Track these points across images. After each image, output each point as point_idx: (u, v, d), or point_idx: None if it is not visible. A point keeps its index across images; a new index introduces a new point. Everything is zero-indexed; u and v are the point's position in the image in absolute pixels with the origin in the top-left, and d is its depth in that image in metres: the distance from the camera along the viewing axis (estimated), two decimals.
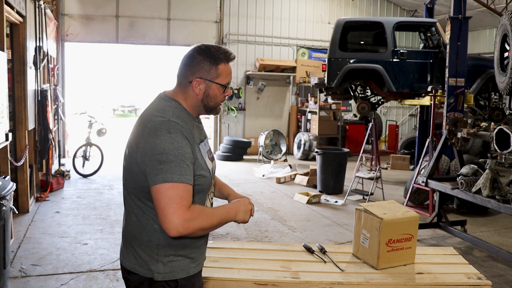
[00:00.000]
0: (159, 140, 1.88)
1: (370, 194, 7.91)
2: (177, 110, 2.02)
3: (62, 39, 11.60)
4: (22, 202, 6.69)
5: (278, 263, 3.23)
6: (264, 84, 13.68)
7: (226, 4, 13.16)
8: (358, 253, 3.34)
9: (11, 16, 5.91)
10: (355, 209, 3.41)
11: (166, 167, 1.85)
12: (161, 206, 1.85)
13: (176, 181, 1.85)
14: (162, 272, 2.01)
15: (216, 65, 2.02)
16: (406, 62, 8.90)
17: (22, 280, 4.52)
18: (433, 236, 6.21)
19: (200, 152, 2.02)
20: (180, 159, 1.87)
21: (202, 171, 1.99)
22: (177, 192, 1.85)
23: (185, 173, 1.87)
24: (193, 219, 1.85)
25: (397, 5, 14.97)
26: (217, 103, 2.09)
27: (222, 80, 2.05)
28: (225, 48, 2.06)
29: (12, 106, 6.58)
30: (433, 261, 3.35)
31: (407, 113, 15.40)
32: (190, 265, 2.07)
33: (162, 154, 1.86)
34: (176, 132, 1.90)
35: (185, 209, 1.84)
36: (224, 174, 10.39)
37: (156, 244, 2.00)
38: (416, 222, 3.29)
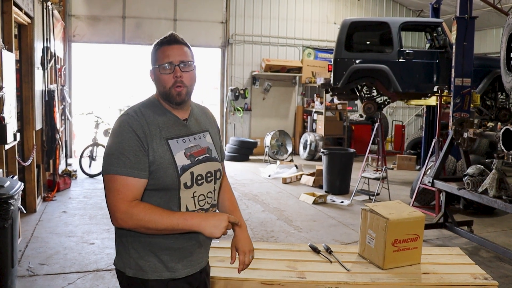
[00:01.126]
0: (111, 134, 1.99)
1: (376, 195, 7.90)
2: (145, 104, 2.07)
3: (69, 40, 11.66)
4: (30, 202, 6.74)
5: (284, 263, 3.24)
6: (270, 85, 13.68)
7: (232, 4, 13.18)
8: (364, 253, 3.35)
9: (19, 17, 5.96)
10: (361, 209, 3.41)
11: (107, 159, 1.95)
12: (106, 198, 1.95)
13: (114, 173, 1.91)
14: (133, 268, 2.01)
15: (155, 51, 2.05)
16: (412, 62, 8.88)
17: (29, 279, 4.55)
18: (440, 236, 6.20)
19: (165, 147, 1.98)
20: (120, 152, 1.91)
21: (161, 165, 1.96)
22: (114, 185, 1.90)
23: (124, 166, 1.90)
24: (130, 215, 1.87)
25: (403, 5, 14.93)
26: (165, 87, 2.02)
27: (158, 62, 2.03)
28: (168, 34, 2.09)
29: (20, 107, 6.63)
30: (439, 261, 3.35)
31: (413, 113, 15.36)
32: (162, 268, 2.01)
33: (108, 148, 1.97)
34: (125, 125, 1.95)
35: (123, 201, 1.88)
36: (230, 175, 10.39)
37: (126, 237, 2.03)
38: (422, 222, 3.29)
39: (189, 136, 2.09)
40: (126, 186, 1.89)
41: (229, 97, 13.29)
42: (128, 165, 1.90)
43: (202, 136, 2.15)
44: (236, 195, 8.23)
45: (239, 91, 13.30)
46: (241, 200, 8.05)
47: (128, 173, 1.90)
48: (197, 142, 2.11)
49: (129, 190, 1.90)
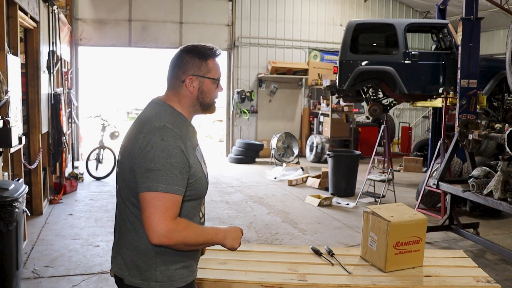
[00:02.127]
0: (151, 146, 1.86)
1: (382, 197, 7.87)
2: (172, 115, 1.99)
3: (76, 44, 11.73)
4: (36, 205, 6.78)
5: (285, 265, 3.23)
6: (276, 87, 13.68)
7: (238, 7, 13.20)
8: (366, 255, 3.34)
9: (25, 21, 6.01)
10: (363, 211, 3.40)
11: (152, 176, 1.83)
12: (146, 214, 1.84)
13: (162, 190, 1.83)
14: (159, 281, 1.96)
15: (205, 60, 2.03)
16: (418, 63, 8.85)
17: (34, 281, 4.59)
18: (445, 239, 6.16)
19: (196, 157, 1.99)
20: (168, 168, 1.83)
21: (198, 176, 1.97)
22: (163, 202, 1.83)
23: (172, 183, 1.84)
24: (177, 231, 1.84)
25: (410, 7, 14.88)
26: (212, 99, 2.08)
27: (214, 74, 2.05)
28: (211, 45, 2.07)
29: (26, 110, 6.68)
30: (442, 264, 3.33)
31: (420, 115, 15.29)
32: (187, 273, 2.04)
33: (151, 162, 1.84)
34: (169, 139, 1.87)
35: (170, 219, 1.83)
36: (236, 177, 10.42)
37: (154, 253, 1.96)
38: (424, 225, 3.28)
39: (198, 144, 2.13)
40: (175, 204, 1.85)
41: (235, 99, 13.30)
42: (176, 183, 1.85)
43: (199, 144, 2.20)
44: (241, 198, 8.31)
45: (245, 94, 13.31)
46: (246, 203, 8.06)
47: (176, 190, 1.85)
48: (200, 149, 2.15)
49: (176, 208, 1.86)
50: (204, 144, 16.96)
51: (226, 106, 13.71)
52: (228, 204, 7.96)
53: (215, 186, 9.37)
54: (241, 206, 7.84)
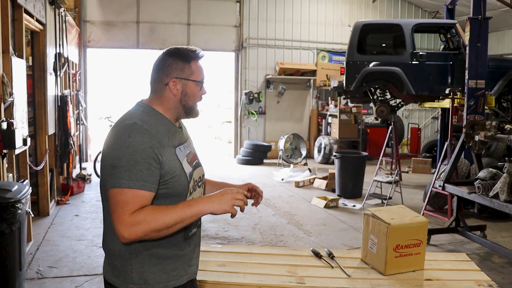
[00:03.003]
0: (117, 144, 1.85)
1: (389, 198, 7.82)
2: (147, 114, 1.98)
3: (84, 45, 11.80)
4: (43, 205, 6.82)
5: (284, 267, 3.21)
6: (284, 88, 13.65)
7: (245, 8, 13.20)
8: (366, 258, 3.31)
9: (31, 24, 6.05)
10: (364, 214, 3.38)
11: (116, 172, 1.82)
12: (111, 212, 1.84)
13: (124, 186, 1.80)
14: (136, 283, 1.94)
15: (188, 62, 2.01)
16: (425, 64, 8.78)
17: (38, 282, 4.61)
18: (452, 241, 6.10)
19: (175, 155, 1.96)
20: (131, 164, 1.81)
21: (174, 174, 1.94)
22: (124, 198, 1.80)
23: (136, 179, 1.81)
24: (137, 224, 1.78)
25: (419, 7, 14.78)
26: (195, 102, 2.07)
27: (197, 76, 2.03)
28: (194, 48, 2.06)
29: (32, 112, 6.73)
30: (444, 267, 3.29)
31: (429, 116, 15.17)
32: (167, 278, 2.00)
33: (115, 159, 1.83)
34: (136, 136, 1.85)
35: (127, 214, 1.78)
36: (243, 178, 10.41)
37: (129, 253, 1.94)
38: (425, 228, 3.24)
39: (185, 143, 2.09)
40: (137, 198, 1.81)
41: (243, 100, 13.30)
42: (141, 178, 1.82)
43: (190, 142, 2.17)
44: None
45: (253, 95, 13.30)
46: None
47: (141, 186, 1.82)
48: (189, 148, 2.13)
49: (138, 202, 1.81)
50: (213, 145, 16.99)
51: (234, 108, 13.72)
52: None
53: None
54: (247, 207, 7.76)
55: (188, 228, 2.05)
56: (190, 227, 2.08)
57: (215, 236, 6.27)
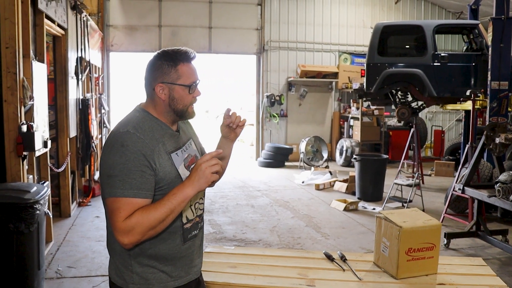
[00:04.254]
0: (112, 153, 1.88)
1: (409, 202, 7.72)
2: (142, 120, 1.98)
3: (107, 49, 12.00)
4: (64, 207, 6.95)
5: (296, 270, 3.20)
6: (306, 90, 13.62)
7: (267, 11, 13.23)
8: (378, 261, 3.27)
9: (52, 29, 6.18)
10: (376, 216, 3.34)
11: (111, 182, 1.85)
12: (109, 220, 1.89)
13: (119, 195, 1.83)
14: (137, 283, 1.98)
15: (175, 66, 1.97)
16: (447, 66, 8.65)
17: (57, 281, 4.71)
18: (472, 245, 5.98)
19: (169, 161, 1.97)
20: (125, 173, 1.83)
21: (169, 180, 1.95)
22: (118, 206, 1.83)
23: (130, 187, 1.83)
24: (132, 228, 1.81)
25: (442, 8, 14.56)
26: (185, 105, 2.03)
27: (185, 80, 1.99)
28: (185, 49, 2.01)
29: (54, 115, 6.87)
30: (458, 271, 3.23)
31: (453, 118, 14.93)
32: (167, 278, 2.02)
33: (110, 168, 1.86)
34: (129, 144, 1.86)
35: (121, 221, 1.82)
36: (264, 181, 10.41)
37: (128, 254, 1.97)
38: (438, 231, 3.18)
39: (183, 147, 2.09)
40: (131, 205, 1.84)
41: (265, 103, 13.32)
42: (134, 186, 1.84)
43: (189, 145, 2.16)
44: (267, 201, 8.30)
45: (275, 98, 13.31)
46: (272, 207, 8.04)
47: (135, 194, 1.84)
48: (188, 151, 2.12)
49: (133, 209, 1.84)
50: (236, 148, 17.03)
51: (255, 110, 13.74)
52: (253, 208, 7.96)
53: (242, 190, 9.40)
54: (266, 210, 7.83)
55: (186, 230, 2.07)
56: (190, 228, 2.09)
57: (233, 238, 6.29)
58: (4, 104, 4.47)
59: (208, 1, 12.71)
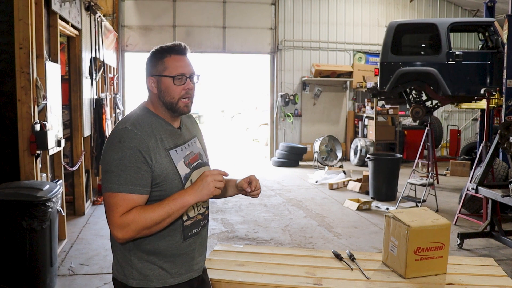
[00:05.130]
0: (110, 150, 1.93)
1: (423, 201, 7.65)
2: (141, 117, 2.02)
3: (122, 50, 12.10)
4: (78, 205, 7.03)
5: (303, 269, 3.20)
6: (320, 90, 13.58)
7: (281, 11, 13.22)
8: (387, 261, 3.26)
9: (66, 30, 6.25)
10: (384, 215, 3.33)
11: (107, 177, 1.90)
12: (106, 214, 1.93)
13: (115, 190, 1.87)
14: (136, 279, 2.01)
15: (161, 58, 2.01)
16: (462, 64, 8.54)
17: (69, 278, 4.77)
18: (486, 246, 5.91)
19: (168, 158, 1.99)
20: (120, 169, 1.87)
21: (167, 177, 1.97)
22: (114, 201, 1.87)
23: (125, 183, 1.87)
24: (128, 224, 1.85)
25: (458, 6, 14.40)
26: (173, 98, 2.02)
27: (170, 71, 2.00)
28: (178, 42, 2.06)
29: (69, 114, 6.95)
30: (468, 272, 3.20)
31: (470, 118, 14.75)
32: (166, 275, 2.04)
33: (107, 164, 1.91)
34: (125, 140, 1.90)
35: (117, 216, 1.86)
36: (278, 180, 10.41)
37: (128, 250, 2.01)
38: (448, 231, 3.15)
39: (184, 144, 2.11)
40: (127, 201, 1.87)
41: (279, 103, 13.32)
42: (129, 182, 1.88)
43: (193, 143, 2.17)
44: (280, 201, 8.28)
45: (289, 97, 13.30)
46: (284, 206, 8.04)
47: (130, 190, 1.88)
48: (191, 149, 2.13)
49: (129, 205, 1.88)
50: (251, 147, 17.07)
51: (270, 110, 13.74)
52: (266, 207, 7.96)
53: None
54: (278, 209, 7.83)
55: (187, 228, 2.08)
56: (191, 226, 2.10)
57: (244, 237, 6.30)
58: (18, 104, 4.54)
59: (222, 1, 12.74)
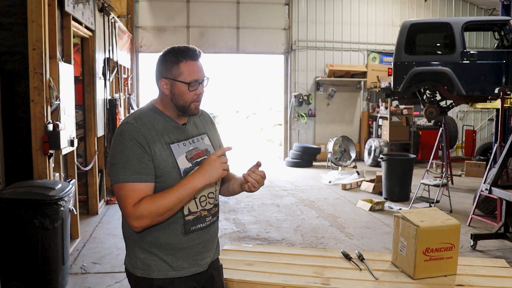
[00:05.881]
0: (114, 144, 2.03)
1: (436, 202, 7.58)
2: (144, 113, 2.10)
3: (136, 50, 12.18)
4: (92, 205, 7.10)
5: (312, 268, 3.20)
6: (334, 90, 13.52)
7: (294, 11, 13.19)
8: (396, 261, 3.24)
9: (80, 31, 6.31)
10: (394, 216, 3.31)
11: (114, 169, 1.99)
12: (119, 206, 2.02)
13: (122, 181, 1.96)
14: (140, 268, 2.09)
15: (177, 63, 2.05)
16: (476, 63, 8.43)
17: (81, 276, 4.82)
18: (500, 247, 5.84)
19: (167, 151, 2.05)
20: (124, 160, 1.96)
21: (165, 169, 2.03)
22: (124, 192, 1.96)
23: (131, 173, 1.95)
24: (141, 214, 1.93)
25: (474, 4, 14.21)
26: (186, 102, 2.09)
27: (185, 77, 2.05)
28: (191, 47, 2.09)
29: (82, 115, 7.02)
30: (478, 273, 3.17)
31: (486, 118, 14.57)
32: (167, 267, 2.09)
33: (112, 157, 2.01)
34: (126, 133, 1.99)
35: (130, 207, 1.95)
36: (291, 181, 10.40)
37: (132, 240, 2.12)
38: (457, 231, 3.13)
39: (188, 139, 2.16)
40: (135, 191, 1.95)
41: (293, 103, 13.29)
42: (134, 172, 1.96)
43: (200, 139, 2.22)
44: (292, 201, 8.28)
45: (302, 97, 13.26)
46: (297, 206, 8.02)
47: (136, 179, 1.96)
48: (196, 145, 2.18)
49: (138, 194, 1.96)
50: (265, 148, 17.07)
51: (283, 110, 13.73)
52: (279, 207, 7.96)
53: (268, 189, 9.40)
54: (291, 209, 7.82)
55: (188, 222, 2.12)
56: (193, 221, 2.14)
57: (256, 237, 6.30)
58: (31, 104, 4.60)
59: (235, 2, 12.77)
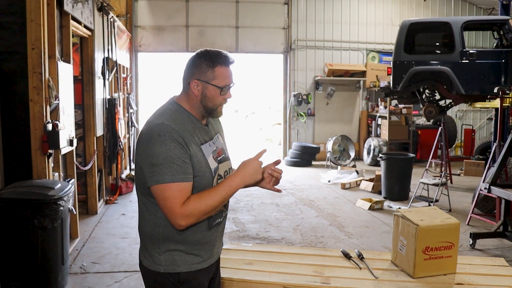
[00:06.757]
0: (151, 143, 2.01)
1: (435, 201, 7.59)
2: (175, 113, 2.12)
3: (135, 50, 12.17)
4: (91, 204, 7.10)
5: (312, 267, 3.20)
6: (333, 89, 13.52)
7: (294, 10, 13.19)
8: (396, 260, 3.25)
9: (79, 30, 6.30)
10: (393, 214, 3.31)
11: (157, 170, 1.98)
12: (161, 206, 2.02)
13: (168, 181, 1.97)
14: (163, 264, 2.12)
15: (212, 67, 2.09)
16: (476, 63, 8.43)
17: (81, 276, 4.82)
18: (499, 246, 5.85)
19: (200, 152, 2.11)
20: (169, 161, 1.98)
21: (200, 170, 2.09)
22: (171, 192, 1.98)
23: (176, 173, 1.98)
24: (190, 213, 1.98)
25: (473, 4, 14.21)
26: (215, 105, 2.16)
27: (219, 82, 2.11)
28: (225, 53, 2.14)
29: (82, 114, 7.02)
30: (478, 272, 3.17)
31: (485, 117, 14.58)
32: (192, 260, 2.16)
33: (153, 157, 1.99)
34: (165, 134, 2.00)
35: (178, 206, 1.97)
36: (290, 180, 10.40)
37: (157, 238, 2.13)
38: (457, 230, 3.13)
39: (211, 140, 2.23)
40: (183, 191, 2.00)
41: (292, 102, 13.29)
42: (180, 172, 2.00)
43: (217, 138, 2.29)
44: (292, 200, 8.28)
45: (302, 97, 13.26)
46: (296, 205, 8.03)
47: (182, 179, 2.00)
48: (216, 144, 2.25)
49: (185, 194, 2.01)
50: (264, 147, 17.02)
51: (283, 109, 13.73)
52: (278, 206, 7.96)
53: None
54: (290, 208, 7.82)
55: (212, 217, 2.19)
56: (215, 217, 2.22)
57: (256, 237, 6.31)
58: (30, 104, 4.59)
59: (235, 1, 12.75)
